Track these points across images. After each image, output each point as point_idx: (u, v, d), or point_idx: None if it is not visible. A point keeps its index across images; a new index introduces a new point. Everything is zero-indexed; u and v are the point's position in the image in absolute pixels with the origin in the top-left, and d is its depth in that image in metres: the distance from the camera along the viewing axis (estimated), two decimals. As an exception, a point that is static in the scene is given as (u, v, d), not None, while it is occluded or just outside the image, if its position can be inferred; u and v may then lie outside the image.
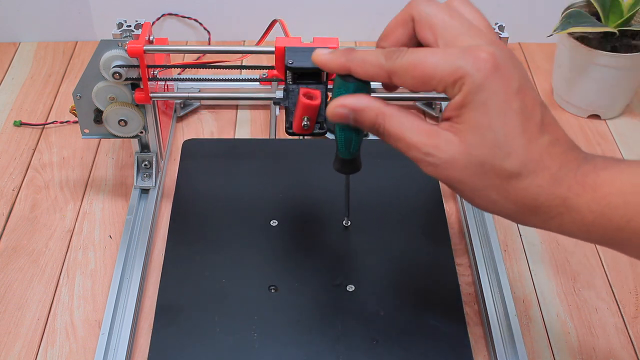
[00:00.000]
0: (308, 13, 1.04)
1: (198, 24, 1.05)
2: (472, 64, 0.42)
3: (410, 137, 0.45)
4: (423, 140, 0.44)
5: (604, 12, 0.89)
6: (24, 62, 1.01)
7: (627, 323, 0.69)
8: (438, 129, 0.44)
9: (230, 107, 0.94)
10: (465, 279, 0.72)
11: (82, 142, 0.87)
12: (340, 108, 0.47)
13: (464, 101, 0.42)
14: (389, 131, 0.46)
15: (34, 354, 0.65)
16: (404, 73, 0.44)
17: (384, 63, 0.45)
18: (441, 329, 0.64)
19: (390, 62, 0.45)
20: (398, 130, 0.45)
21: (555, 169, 0.42)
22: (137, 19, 0.72)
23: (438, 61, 0.42)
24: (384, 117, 0.46)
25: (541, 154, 0.42)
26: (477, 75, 0.41)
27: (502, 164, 0.42)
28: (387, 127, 0.46)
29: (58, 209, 0.79)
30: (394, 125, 0.45)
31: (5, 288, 0.71)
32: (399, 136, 0.45)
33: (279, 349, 0.62)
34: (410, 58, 0.44)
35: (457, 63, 0.42)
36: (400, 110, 0.46)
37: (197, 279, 0.68)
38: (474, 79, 0.41)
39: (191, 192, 0.77)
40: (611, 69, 0.88)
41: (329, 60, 0.48)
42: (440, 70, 0.42)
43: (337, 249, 0.71)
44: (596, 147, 0.89)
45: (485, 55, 0.41)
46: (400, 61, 0.44)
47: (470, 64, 0.42)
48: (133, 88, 0.71)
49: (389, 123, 0.46)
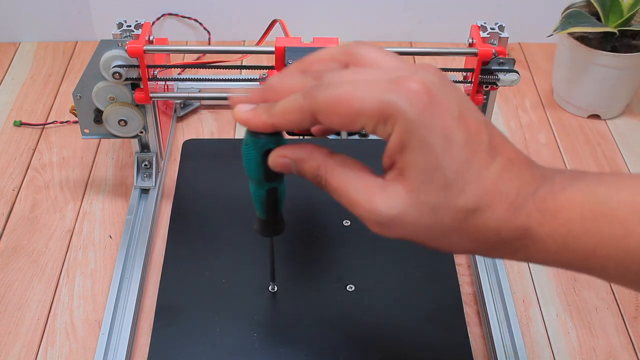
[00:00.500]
0: (308, 13, 1.04)
1: (198, 24, 1.05)
2: (403, 98, 0.37)
3: (354, 193, 0.40)
4: (367, 197, 0.39)
5: (604, 12, 0.89)
6: (24, 62, 1.01)
7: (627, 323, 0.69)
8: (384, 182, 0.40)
9: (230, 107, 0.94)
10: (465, 279, 0.72)
11: (82, 142, 0.87)
12: (282, 158, 0.43)
13: (401, 143, 0.37)
14: (331, 185, 0.41)
15: (34, 354, 0.65)
16: (328, 111, 0.39)
17: (303, 103, 0.40)
18: (441, 329, 0.64)
19: (310, 99, 0.39)
20: (341, 184, 0.41)
21: (513, 197, 0.38)
22: (137, 19, 0.72)
23: (364, 96, 0.37)
24: (326, 169, 0.41)
25: (495, 183, 0.38)
26: (410, 111, 0.36)
27: (456, 204, 0.38)
28: (329, 180, 0.41)
29: (58, 209, 0.79)
30: (336, 179, 0.41)
31: (5, 288, 0.71)
32: (341, 191, 0.41)
33: (279, 349, 0.62)
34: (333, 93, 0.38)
35: (385, 97, 0.37)
36: (345, 162, 0.41)
37: (197, 279, 0.68)
38: (407, 115, 0.36)
39: (191, 192, 0.77)
40: (611, 69, 0.88)
41: (251, 119, 0.43)
42: (369, 107, 0.37)
43: (337, 249, 0.71)
44: (596, 147, 0.89)
45: (416, 85, 0.37)
46: (322, 96, 0.39)
47: (401, 97, 0.37)
48: (133, 88, 0.71)
49: (331, 176, 0.41)
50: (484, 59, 0.68)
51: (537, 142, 0.90)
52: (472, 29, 0.71)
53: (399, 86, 0.37)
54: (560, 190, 0.39)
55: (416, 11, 1.04)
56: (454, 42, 1.06)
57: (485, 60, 0.68)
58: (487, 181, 0.38)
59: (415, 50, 0.75)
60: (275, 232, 0.52)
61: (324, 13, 1.04)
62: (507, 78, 0.69)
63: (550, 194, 0.39)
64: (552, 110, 0.95)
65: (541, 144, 0.90)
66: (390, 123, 0.37)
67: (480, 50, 0.68)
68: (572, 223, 0.38)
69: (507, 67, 0.69)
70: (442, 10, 1.04)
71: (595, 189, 0.38)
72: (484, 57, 0.68)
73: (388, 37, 1.06)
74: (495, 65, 0.69)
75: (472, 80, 0.70)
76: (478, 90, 0.71)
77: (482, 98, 0.72)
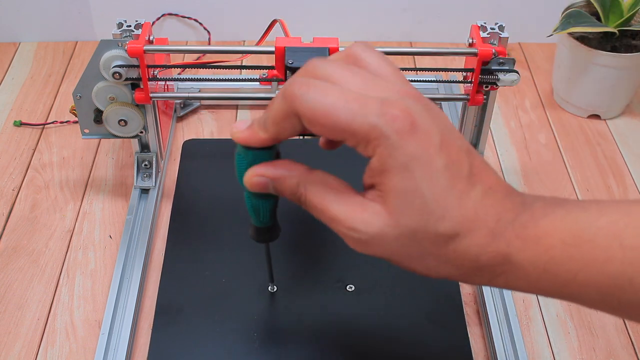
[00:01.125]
0: (308, 13, 1.04)
1: (198, 24, 1.05)
2: (388, 124, 0.37)
3: (333, 209, 0.40)
4: (347, 214, 0.40)
5: (604, 12, 0.89)
6: (24, 62, 1.01)
7: (627, 323, 0.69)
8: (364, 200, 0.40)
9: (230, 107, 0.94)
10: (465, 279, 0.72)
11: (82, 142, 0.87)
12: (258, 177, 0.43)
13: (383, 166, 0.38)
14: (311, 202, 0.41)
15: (34, 354, 0.65)
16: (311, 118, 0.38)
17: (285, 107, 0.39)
18: (441, 329, 0.64)
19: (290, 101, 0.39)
20: (320, 201, 0.41)
21: (493, 224, 0.38)
22: (137, 19, 0.72)
23: (355, 114, 0.37)
24: (305, 186, 0.41)
25: (475, 210, 0.38)
26: (393, 138, 0.37)
27: (436, 229, 0.38)
28: (308, 197, 0.41)
29: (58, 209, 0.79)
30: (315, 196, 0.41)
31: (5, 288, 0.71)
32: (320, 208, 0.41)
33: (279, 349, 0.62)
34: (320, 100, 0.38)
35: (373, 120, 0.37)
36: (324, 178, 0.42)
37: (197, 279, 0.68)
38: (390, 141, 0.37)
39: (191, 192, 0.77)
40: (611, 69, 0.88)
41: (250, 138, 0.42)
42: (356, 125, 0.37)
43: (337, 249, 0.71)
44: (596, 147, 0.89)
45: (399, 112, 0.37)
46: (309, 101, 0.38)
47: (386, 123, 0.37)
48: (133, 88, 0.71)
49: (310, 193, 0.41)
50: (484, 59, 0.68)
51: (537, 142, 0.90)
52: (472, 29, 0.71)
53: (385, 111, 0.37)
54: (542, 217, 0.39)
55: (416, 11, 1.04)
56: (454, 42, 1.06)
57: (485, 60, 0.68)
58: (467, 208, 0.38)
59: (415, 50, 0.75)
60: (270, 238, 0.52)
61: (324, 13, 1.04)
62: (507, 78, 0.69)
63: (530, 221, 0.39)
64: (552, 110, 0.95)
65: (541, 144, 0.90)
66: (372, 146, 0.38)
67: (480, 50, 0.68)
68: (553, 249, 0.38)
69: (507, 67, 0.69)
70: (442, 10, 1.04)
71: (576, 216, 0.38)
72: (484, 57, 0.68)
73: (388, 37, 1.06)
74: (495, 65, 0.69)
75: (472, 80, 0.70)
76: (478, 90, 0.71)
77: (482, 98, 0.72)
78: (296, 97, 0.38)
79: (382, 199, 0.39)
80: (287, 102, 0.39)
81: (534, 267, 0.38)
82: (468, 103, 0.72)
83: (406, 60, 1.03)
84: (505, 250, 0.39)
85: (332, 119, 0.38)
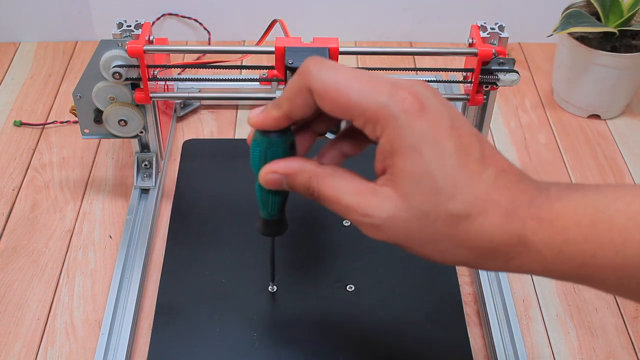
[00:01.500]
0: (308, 13, 1.04)
1: (198, 24, 1.05)
2: (397, 104, 0.38)
3: (346, 198, 0.41)
4: (359, 201, 0.40)
5: (604, 12, 0.89)
6: (24, 62, 1.01)
7: (627, 323, 0.69)
8: (375, 186, 0.40)
9: (230, 107, 0.94)
10: (465, 279, 0.72)
11: (82, 142, 0.87)
12: (272, 174, 0.44)
13: (392, 148, 0.38)
14: (324, 194, 0.42)
15: (34, 354, 0.65)
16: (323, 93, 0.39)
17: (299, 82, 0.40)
18: (441, 329, 0.64)
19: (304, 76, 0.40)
20: (332, 192, 0.42)
21: (506, 204, 0.38)
22: (137, 19, 0.72)
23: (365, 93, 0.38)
24: (317, 180, 0.42)
25: (487, 190, 0.39)
26: (402, 118, 0.38)
27: (447, 209, 0.38)
28: (321, 189, 0.42)
29: (58, 209, 0.79)
30: (328, 187, 0.42)
31: (5, 288, 0.71)
32: (333, 199, 0.42)
33: (279, 349, 0.62)
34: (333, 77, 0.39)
35: (383, 100, 0.38)
36: (335, 171, 0.43)
37: (197, 279, 0.68)
38: (399, 122, 0.38)
39: (191, 192, 0.77)
40: (611, 69, 0.88)
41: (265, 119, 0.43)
42: (365, 104, 0.38)
43: (337, 249, 0.71)
44: (596, 147, 0.89)
45: (408, 95, 0.38)
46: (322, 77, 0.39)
47: (395, 103, 0.38)
48: (133, 88, 0.71)
49: (323, 185, 0.42)
50: (484, 59, 0.68)
51: (537, 142, 0.90)
52: (472, 29, 0.71)
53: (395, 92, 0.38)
54: (557, 200, 0.39)
55: (416, 11, 1.04)
56: (454, 42, 1.06)
57: (485, 60, 0.68)
58: (479, 189, 0.39)
59: (415, 50, 0.75)
60: (278, 232, 0.52)
61: (324, 13, 1.04)
62: (507, 78, 0.69)
63: (546, 203, 0.39)
64: (552, 110, 0.95)
65: (541, 144, 0.90)
66: (380, 126, 0.38)
67: (480, 50, 0.68)
68: (569, 231, 0.38)
69: (507, 67, 0.69)
70: (442, 10, 1.04)
71: (592, 198, 0.38)
72: (484, 57, 0.68)
73: (388, 37, 1.06)
74: (495, 65, 0.69)
75: (472, 80, 0.70)
76: (478, 90, 0.71)
77: (482, 98, 0.72)
78: (311, 72, 0.40)
79: (392, 182, 0.39)
80: (301, 77, 0.40)
81: (549, 248, 0.38)
82: (468, 103, 0.72)
83: (406, 60, 1.03)
84: (520, 231, 0.38)
85: (343, 96, 0.39)
